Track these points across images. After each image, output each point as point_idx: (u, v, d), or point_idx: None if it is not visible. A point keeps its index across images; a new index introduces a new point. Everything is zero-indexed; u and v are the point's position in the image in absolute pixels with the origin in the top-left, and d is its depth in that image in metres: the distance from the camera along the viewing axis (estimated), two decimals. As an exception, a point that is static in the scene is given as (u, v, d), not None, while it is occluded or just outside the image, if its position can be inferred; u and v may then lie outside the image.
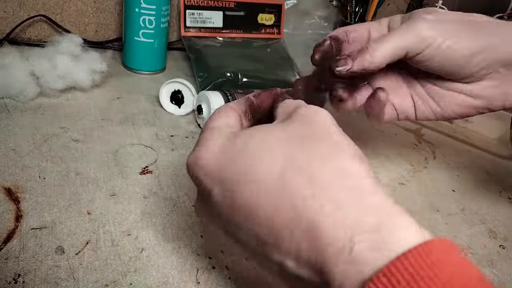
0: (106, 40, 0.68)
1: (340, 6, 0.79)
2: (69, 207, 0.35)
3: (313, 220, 0.19)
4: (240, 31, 0.69)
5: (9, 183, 0.36)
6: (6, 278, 0.28)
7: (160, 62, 0.63)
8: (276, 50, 0.68)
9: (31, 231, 0.32)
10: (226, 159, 0.22)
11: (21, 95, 0.48)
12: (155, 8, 0.57)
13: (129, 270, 0.31)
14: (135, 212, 0.36)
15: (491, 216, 0.46)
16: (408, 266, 0.16)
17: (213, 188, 0.22)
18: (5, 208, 0.34)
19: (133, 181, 0.40)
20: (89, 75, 0.52)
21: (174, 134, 0.49)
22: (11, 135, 0.43)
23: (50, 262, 0.30)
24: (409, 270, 0.16)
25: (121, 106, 0.52)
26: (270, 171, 0.21)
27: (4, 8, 0.59)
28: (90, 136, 0.45)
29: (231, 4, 0.68)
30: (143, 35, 0.58)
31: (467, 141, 0.62)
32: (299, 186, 0.20)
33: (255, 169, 0.21)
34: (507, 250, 0.42)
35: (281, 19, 0.72)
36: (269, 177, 0.20)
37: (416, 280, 0.16)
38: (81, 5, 0.64)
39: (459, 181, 0.51)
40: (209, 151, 0.23)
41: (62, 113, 0.48)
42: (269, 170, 0.21)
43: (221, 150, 0.23)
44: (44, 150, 0.41)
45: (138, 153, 0.44)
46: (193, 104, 0.52)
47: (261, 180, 0.21)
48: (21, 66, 0.48)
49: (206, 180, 0.23)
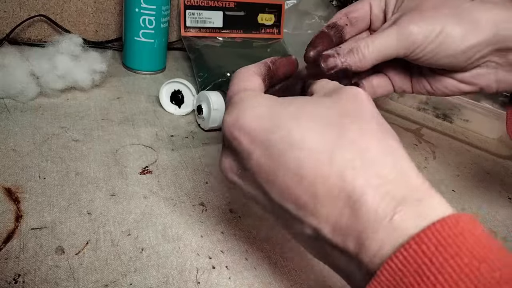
0: (106, 40, 0.68)
1: (340, 6, 0.79)
2: (69, 207, 0.35)
3: (359, 190, 0.20)
4: (240, 31, 0.70)
5: (9, 183, 0.36)
6: (6, 278, 0.28)
7: (160, 62, 0.63)
8: (276, 50, 0.68)
9: (31, 231, 0.32)
10: (273, 124, 0.22)
11: (21, 95, 0.48)
12: (155, 8, 0.57)
13: (129, 270, 0.31)
14: (135, 212, 0.36)
15: (491, 216, 0.46)
16: (438, 233, 0.18)
17: (255, 150, 0.23)
18: (5, 208, 0.34)
19: (133, 181, 0.40)
20: (89, 75, 0.52)
21: (174, 134, 0.49)
22: (11, 135, 0.43)
23: (50, 262, 0.30)
24: (438, 237, 0.18)
25: (121, 106, 0.52)
26: (320, 141, 0.21)
27: (4, 8, 0.59)
28: (90, 136, 0.45)
29: (231, 4, 0.68)
30: (143, 35, 0.58)
31: (467, 141, 0.62)
32: (350, 158, 0.21)
33: (306, 137, 0.21)
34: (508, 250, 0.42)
35: (281, 19, 0.72)
36: (319, 146, 0.21)
37: (445, 245, 0.18)
38: (81, 5, 0.64)
39: (459, 181, 0.51)
40: (251, 113, 0.23)
41: (62, 113, 0.48)
42: (320, 139, 0.21)
43: (265, 115, 0.23)
44: (44, 150, 0.41)
45: (138, 153, 0.44)
46: (193, 104, 0.52)
47: (311, 149, 0.21)
48: (21, 66, 0.48)
49: (246, 141, 0.23)
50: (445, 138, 0.61)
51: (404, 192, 0.20)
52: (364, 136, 0.22)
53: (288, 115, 0.23)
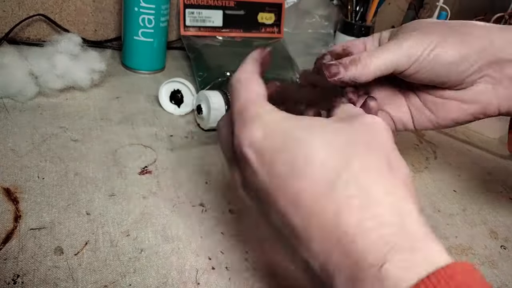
0: (105, 40, 0.67)
1: (341, 5, 0.79)
2: (68, 208, 0.35)
3: (352, 231, 0.19)
4: (240, 30, 0.69)
5: (8, 183, 0.36)
6: (5, 278, 0.28)
7: (160, 62, 0.63)
8: (277, 49, 0.68)
9: (30, 232, 0.32)
10: (281, 144, 0.22)
11: (20, 95, 0.48)
12: (154, 7, 0.57)
13: (128, 271, 0.31)
14: (134, 213, 0.36)
15: (492, 216, 0.46)
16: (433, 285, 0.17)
17: (260, 168, 0.22)
18: (4, 209, 0.33)
19: (132, 181, 0.40)
20: (88, 74, 0.52)
21: (173, 134, 0.49)
22: (10, 135, 0.42)
23: (49, 263, 0.30)
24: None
25: (120, 105, 0.52)
26: (324, 171, 0.21)
27: (3, 7, 0.59)
28: (89, 136, 0.45)
29: (231, 3, 0.67)
30: (142, 34, 0.58)
31: (468, 141, 0.62)
32: (348, 194, 0.20)
33: (309, 164, 0.21)
34: (508, 250, 0.41)
35: (281, 18, 0.72)
36: (321, 176, 0.20)
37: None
38: (80, 4, 0.64)
39: (460, 181, 0.51)
40: (261, 128, 0.22)
41: (61, 112, 0.48)
42: (323, 169, 0.21)
43: (275, 132, 0.22)
44: (43, 150, 0.41)
45: (137, 153, 0.44)
46: (193, 104, 0.51)
47: (311, 179, 0.21)
48: (20, 65, 0.48)
49: (253, 157, 0.22)
50: (446, 138, 0.61)
51: (398, 238, 0.19)
52: (368, 172, 0.21)
53: (296, 137, 0.22)
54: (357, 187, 0.20)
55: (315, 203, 0.20)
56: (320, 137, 0.22)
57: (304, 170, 0.21)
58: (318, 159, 0.21)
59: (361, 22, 0.75)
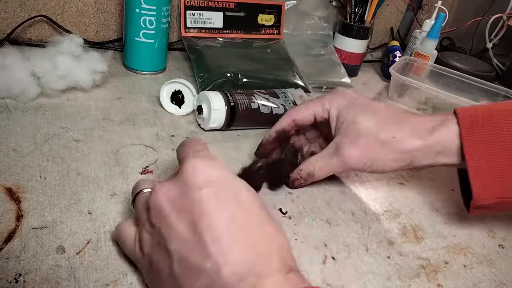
0: (107, 41, 0.68)
1: (340, 6, 0.80)
2: (70, 207, 0.35)
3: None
4: (240, 31, 0.70)
5: (10, 183, 0.36)
6: (7, 277, 0.28)
7: (161, 63, 0.64)
8: (276, 50, 0.68)
9: (32, 231, 0.32)
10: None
11: (22, 95, 0.48)
12: (155, 8, 0.57)
13: (130, 270, 0.31)
14: (135, 212, 0.36)
15: (490, 215, 0.46)
16: None
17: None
18: (6, 208, 0.34)
19: (134, 181, 0.40)
20: (89, 75, 0.52)
21: (174, 134, 0.49)
22: (12, 135, 0.43)
23: (51, 262, 0.30)
24: None
25: (122, 106, 0.53)
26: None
27: (4, 8, 0.60)
28: (91, 136, 0.45)
29: (231, 5, 0.68)
30: (143, 35, 0.58)
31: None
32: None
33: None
34: (506, 249, 0.42)
35: (281, 20, 0.72)
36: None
37: None
38: (81, 5, 0.64)
39: (457, 181, 0.51)
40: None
41: (63, 113, 0.48)
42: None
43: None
44: (45, 150, 0.41)
45: (138, 153, 0.44)
46: (194, 104, 0.52)
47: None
48: (22, 66, 0.48)
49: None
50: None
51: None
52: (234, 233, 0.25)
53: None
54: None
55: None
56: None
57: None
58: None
59: (360, 24, 0.75)
